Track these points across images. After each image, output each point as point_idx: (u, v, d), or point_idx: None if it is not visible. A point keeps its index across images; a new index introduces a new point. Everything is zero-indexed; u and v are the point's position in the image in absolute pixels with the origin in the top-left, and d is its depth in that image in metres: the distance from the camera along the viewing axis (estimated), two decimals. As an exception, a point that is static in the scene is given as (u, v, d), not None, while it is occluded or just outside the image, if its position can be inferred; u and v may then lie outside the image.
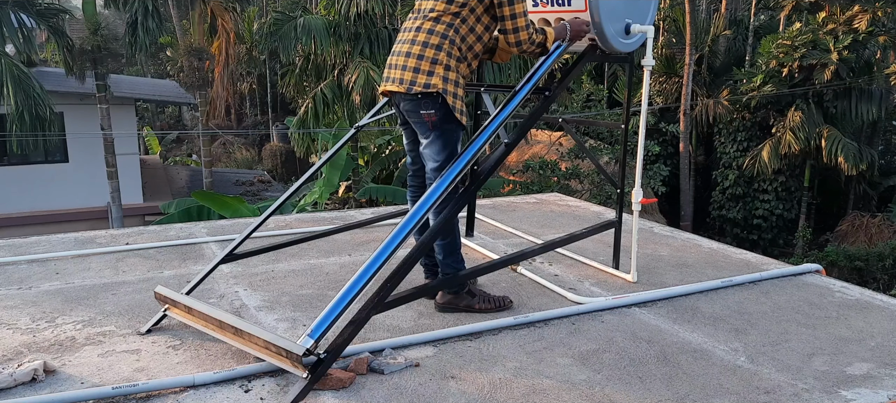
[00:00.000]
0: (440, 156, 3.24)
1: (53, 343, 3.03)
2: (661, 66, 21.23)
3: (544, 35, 3.34)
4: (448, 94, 3.16)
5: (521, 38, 3.25)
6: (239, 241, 3.58)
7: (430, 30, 3.19)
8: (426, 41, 3.18)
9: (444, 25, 3.18)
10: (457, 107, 3.20)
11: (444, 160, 3.23)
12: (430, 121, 3.20)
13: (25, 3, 13.54)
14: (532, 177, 15.75)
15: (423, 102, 3.18)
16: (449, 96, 3.16)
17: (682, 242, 4.90)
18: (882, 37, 18.24)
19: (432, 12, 3.21)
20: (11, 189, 15.64)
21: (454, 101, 3.18)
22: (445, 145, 3.24)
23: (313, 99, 15.40)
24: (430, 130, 3.24)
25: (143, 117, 31.67)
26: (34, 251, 4.41)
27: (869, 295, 3.85)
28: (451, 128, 3.23)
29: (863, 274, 16.02)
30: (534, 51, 3.33)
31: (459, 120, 3.22)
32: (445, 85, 3.15)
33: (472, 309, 3.38)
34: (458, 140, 3.29)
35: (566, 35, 3.41)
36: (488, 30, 3.27)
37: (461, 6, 3.17)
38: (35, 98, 12.92)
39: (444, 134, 3.23)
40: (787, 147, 17.91)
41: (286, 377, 2.72)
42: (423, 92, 3.15)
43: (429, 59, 3.16)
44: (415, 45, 3.21)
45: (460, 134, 3.31)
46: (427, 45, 3.17)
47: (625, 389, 2.71)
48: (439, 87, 3.14)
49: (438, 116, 3.19)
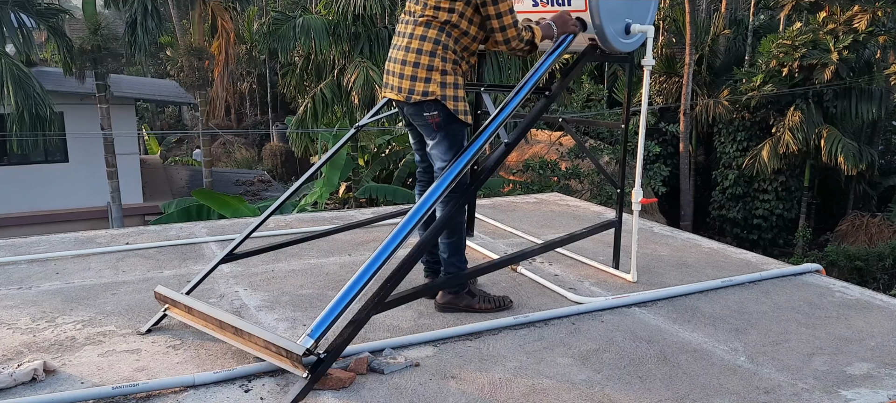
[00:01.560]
0: (448, 155, 3.27)
1: (53, 343, 3.03)
2: (661, 66, 21.23)
3: (532, 33, 3.32)
4: (448, 99, 3.18)
5: (509, 35, 3.24)
6: (239, 241, 3.58)
7: (423, 36, 3.20)
8: (420, 48, 3.20)
9: (435, 30, 3.19)
10: (459, 109, 3.22)
11: (452, 157, 3.25)
12: (434, 122, 3.23)
13: (25, 3, 13.54)
14: (532, 176, 15.75)
15: (425, 105, 3.21)
16: (449, 101, 3.18)
17: (682, 242, 4.90)
18: (882, 37, 18.23)
19: (422, 18, 3.23)
20: (11, 189, 15.64)
21: (455, 104, 3.20)
22: (452, 145, 3.27)
23: (313, 99, 15.40)
24: (436, 131, 3.26)
25: (143, 117, 31.67)
26: (34, 251, 4.41)
27: (869, 295, 3.85)
28: (456, 128, 3.26)
29: (863, 274, 16.02)
30: (523, 49, 3.31)
31: (463, 119, 3.24)
32: (444, 90, 3.18)
33: (472, 309, 3.38)
34: (463, 138, 3.31)
35: (553, 33, 3.40)
36: (483, 28, 3.27)
37: (449, 11, 3.18)
38: (35, 98, 12.92)
39: (449, 134, 3.26)
40: (786, 147, 17.91)
41: (286, 377, 2.72)
42: (422, 100, 3.19)
43: (425, 66, 3.19)
44: (409, 52, 3.22)
45: (465, 131, 3.33)
46: (422, 53, 3.19)
47: (625, 389, 2.71)
48: (437, 94, 3.17)
49: (442, 117, 3.21)
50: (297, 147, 16.72)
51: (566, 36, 3.46)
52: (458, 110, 3.21)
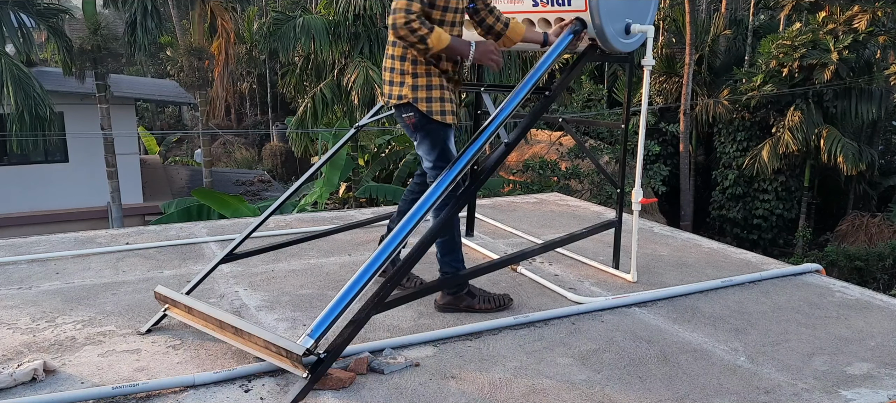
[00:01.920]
0: (431, 155, 3.36)
1: (53, 343, 3.03)
2: (661, 66, 21.23)
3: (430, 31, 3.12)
4: (419, 101, 3.28)
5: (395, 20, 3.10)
6: (239, 241, 3.58)
7: (394, 41, 3.32)
8: (393, 54, 3.34)
9: None
10: (433, 110, 3.28)
11: (436, 158, 3.35)
12: (411, 124, 3.35)
13: (25, 3, 13.54)
14: (532, 176, 15.76)
15: (401, 108, 3.34)
16: (420, 102, 3.28)
17: (682, 242, 4.90)
18: (882, 37, 18.23)
19: None
20: (11, 189, 15.64)
21: (428, 106, 3.28)
22: (433, 144, 3.34)
23: (312, 99, 15.40)
24: (414, 132, 3.37)
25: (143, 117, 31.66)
26: (34, 251, 4.41)
27: (869, 295, 3.85)
28: (433, 128, 3.31)
29: (863, 274, 16.02)
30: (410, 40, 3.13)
31: (439, 120, 3.29)
32: (415, 93, 3.29)
33: (472, 309, 3.39)
34: (446, 138, 3.35)
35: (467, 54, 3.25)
36: (443, 24, 3.26)
37: None
38: (35, 98, 12.92)
39: (427, 134, 3.34)
40: (786, 147, 17.91)
41: (286, 377, 2.72)
42: (397, 103, 3.32)
43: (398, 70, 3.32)
44: (387, 58, 3.38)
45: (448, 131, 3.35)
46: (395, 58, 3.33)
47: (625, 389, 2.71)
48: (409, 97, 3.29)
49: (417, 119, 3.31)
50: (297, 147, 16.72)
51: (566, 36, 3.46)
52: (432, 111, 3.28)
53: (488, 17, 3.57)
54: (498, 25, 3.58)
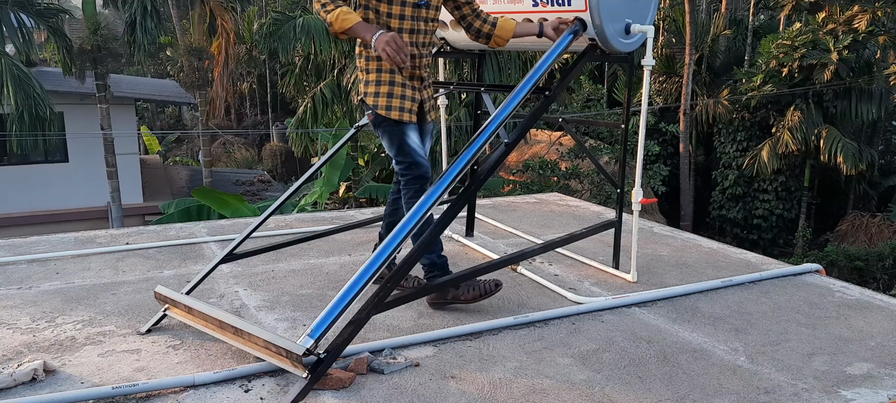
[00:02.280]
0: (391, 151, 3.43)
1: (53, 342, 3.03)
2: (661, 66, 21.23)
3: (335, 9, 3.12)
4: (369, 96, 3.34)
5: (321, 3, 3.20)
6: (239, 241, 3.58)
7: None
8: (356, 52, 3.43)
9: None
10: (379, 105, 3.31)
11: (395, 154, 3.40)
12: (371, 121, 3.43)
13: (25, 3, 13.54)
14: (532, 176, 15.77)
15: (365, 106, 3.40)
16: (369, 97, 3.34)
17: (682, 242, 4.90)
18: (882, 37, 18.25)
19: None
20: (11, 189, 15.64)
21: (375, 101, 3.32)
22: (391, 141, 3.39)
23: (312, 99, 15.41)
24: (376, 128, 3.44)
25: (143, 117, 31.66)
26: (34, 251, 4.41)
27: (869, 295, 3.85)
28: (387, 125, 3.35)
29: (863, 274, 16.03)
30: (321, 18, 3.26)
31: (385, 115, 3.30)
32: (366, 88, 3.35)
33: (458, 300, 3.37)
34: (402, 134, 3.34)
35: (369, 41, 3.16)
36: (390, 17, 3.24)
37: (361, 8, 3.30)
38: (35, 98, 12.93)
39: (384, 132, 3.40)
40: (785, 147, 17.92)
41: (286, 377, 2.72)
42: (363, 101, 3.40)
43: (361, 69, 3.40)
44: None
45: (403, 128, 3.33)
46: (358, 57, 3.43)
47: (625, 389, 2.71)
48: (362, 93, 3.39)
49: (374, 116, 3.37)
50: (296, 147, 16.73)
51: (566, 35, 3.45)
52: (378, 105, 3.31)
53: (475, 21, 3.54)
54: (485, 27, 3.55)
